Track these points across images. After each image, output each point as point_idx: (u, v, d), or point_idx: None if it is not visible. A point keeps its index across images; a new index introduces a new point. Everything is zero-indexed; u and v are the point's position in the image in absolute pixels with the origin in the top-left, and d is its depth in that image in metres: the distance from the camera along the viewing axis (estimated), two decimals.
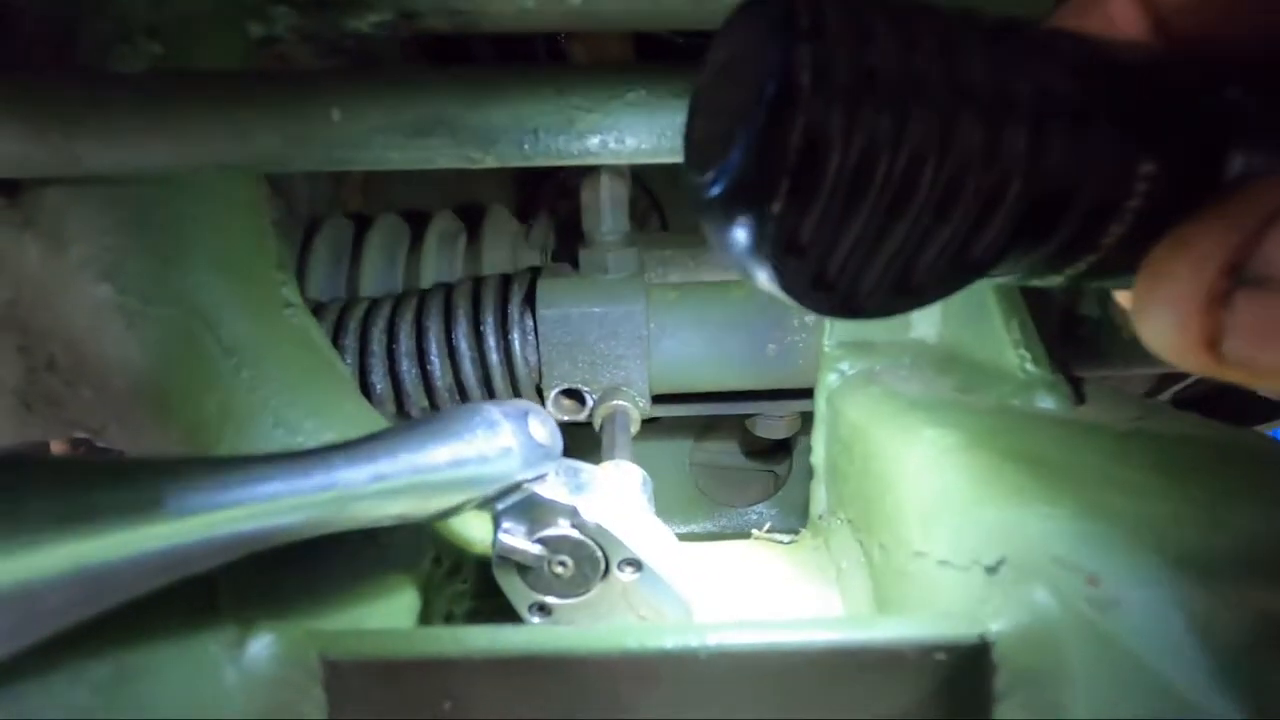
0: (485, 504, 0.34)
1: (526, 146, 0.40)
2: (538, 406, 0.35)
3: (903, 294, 0.12)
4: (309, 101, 0.38)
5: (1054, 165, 0.11)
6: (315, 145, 0.39)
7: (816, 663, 0.26)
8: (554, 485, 0.35)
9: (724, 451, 0.93)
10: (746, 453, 0.92)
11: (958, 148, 0.11)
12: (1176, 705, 0.20)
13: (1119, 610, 0.23)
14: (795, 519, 0.82)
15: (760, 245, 0.12)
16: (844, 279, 0.12)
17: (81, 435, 0.57)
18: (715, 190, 0.11)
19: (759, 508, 0.93)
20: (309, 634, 0.27)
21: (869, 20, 0.11)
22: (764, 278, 0.12)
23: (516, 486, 0.34)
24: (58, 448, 0.74)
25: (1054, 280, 0.13)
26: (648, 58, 0.68)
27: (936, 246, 0.12)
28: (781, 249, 0.11)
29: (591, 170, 0.60)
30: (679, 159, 0.41)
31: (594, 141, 0.40)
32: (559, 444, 0.36)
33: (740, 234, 0.12)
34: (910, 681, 0.26)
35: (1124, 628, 0.23)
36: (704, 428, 0.90)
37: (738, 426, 0.87)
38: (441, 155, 0.40)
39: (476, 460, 0.28)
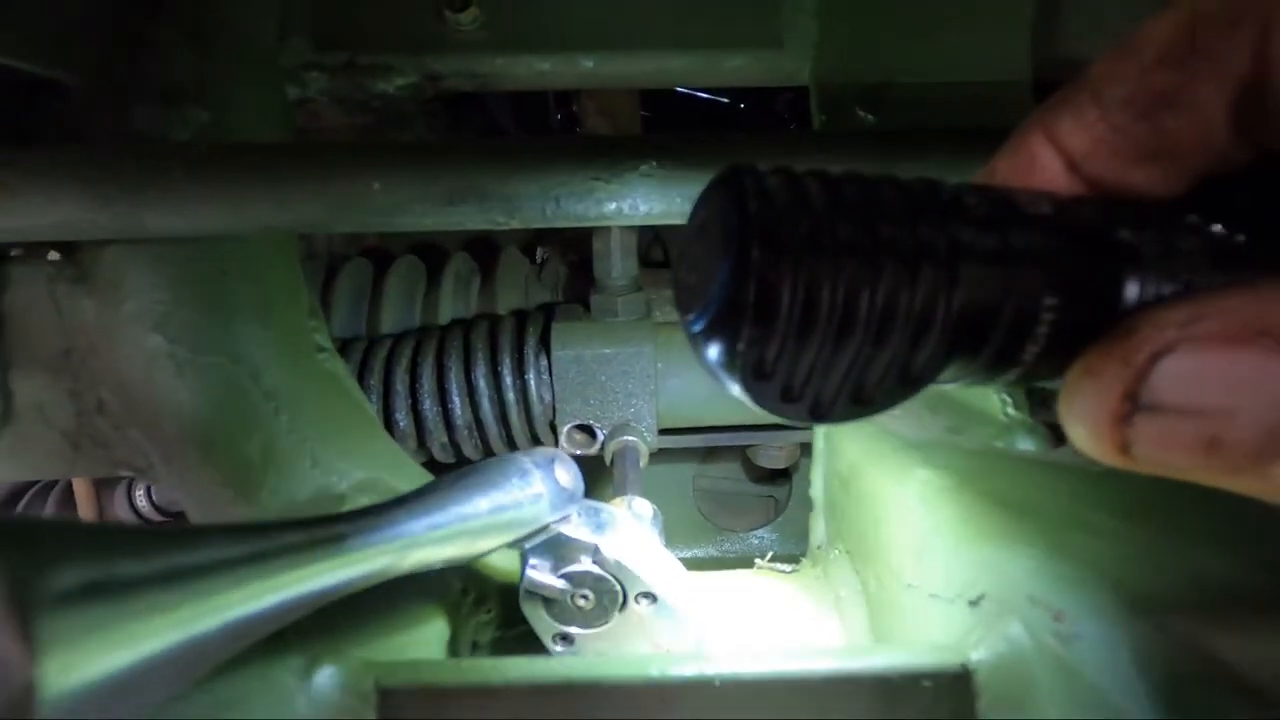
0: (515, 543, 0.37)
1: (548, 211, 0.44)
2: (562, 454, 0.38)
3: (859, 404, 0.15)
4: (352, 173, 0.42)
5: (968, 299, 0.14)
6: (356, 212, 0.43)
7: (817, 690, 0.30)
8: (577, 525, 0.39)
9: (725, 478, 0.96)
10: (747, 479, 0.96)
11: (884, 287, 0.14)
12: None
13: (1080, 643, 0.27)
14: (795, 544, 0.85)
15: (733, 371, 0.14)
16: (807, 394, 0.15)
17: (127, 474, 0.60)
18: (696, 329, 0.15)
19: (760, 532, 0.96)
20: (366, 664, 0.30)
21: (805, 192, 0.14)
22: (739, 393, 0.15)
23: (544, 527, 0.37)
24: (80, 487, 0.77)
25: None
26: (654, 113, 0.72)
27: (881, 366, 0.14)
28: (750, 374, 0.14)
29: None
30: (683, 222, 0.45)
31: (610, 207, 0.44)
32: (581, 487, 0.39)
33: (717, 362, 0.15)
34: (900, 706, 0.29)
35: (1083, 659, 0.26)
36: (706, 455, 0.94)
37: (739, 453, 0.91)
38: (470, 219, 0.44)
39: (513, 506, 0.32)
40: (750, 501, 0.98)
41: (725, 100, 0.95)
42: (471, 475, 0.31)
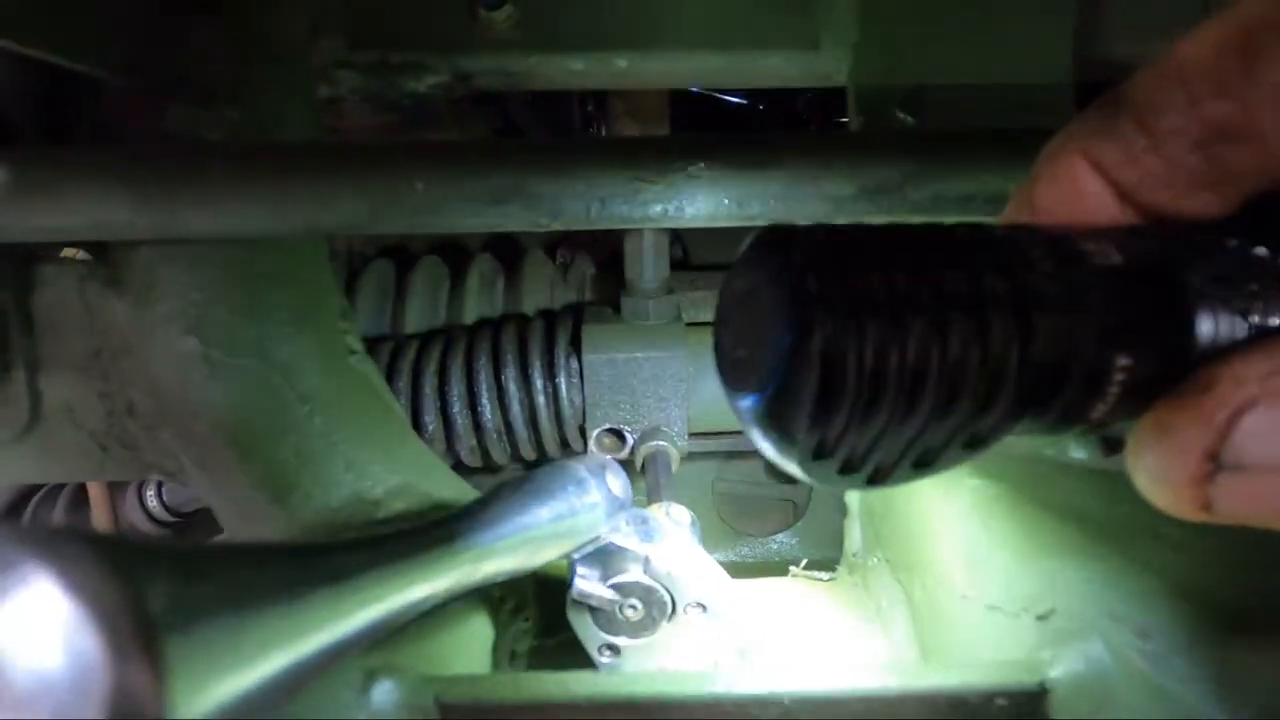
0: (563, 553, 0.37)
1: (592, 213, 0.43)
2: (612, 462, 0.37)
3: (921, 469, 0.14)
4: (394, 172, 0.41)
5: (1041, 355, 0.13)
6: (399, 212, 0.42)
7: (889, 706, 0.29)
8: (626, 534, 0.38)
9: (745, 481, 0.95)
10: (766, 483, 0.95)
11: (955, 345, 0.13)
12: None
13: (1168, 663, 0.26)
14: (814, 548, 0.84)
15: (791, 452, 0.13)
16: (868, 465, 0.14)
17: (156, 476, 0.60)
18: (749, 409, 0.14)
19: (779, 537, 0.96)
20: (424, 679, 0.30)
21: (860, 251, 0.13)
22: (794, 471, 0.14)
23: (595, 536, 0.36)
24: (95, 490, 0.76)
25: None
26: (674, 113, 0.71)
27: (948, 430, 0.13)
28: (810, 455, 0.13)
29: None
30: (733, 224, 0.44)
31: (656, 209, 0.43)
32: (630, 496, 0.38)
33: (775, 444, 0.14)
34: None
35: (1172, 679, 0.25)
36: (725, 458, 0.93)
37: (758, 458, 0.90)
38: (513, 220, 0.43)
39: (571, 515, 0.31)
40: (770, 505, 0.97)
41: (744, 101, 0.94)
42: (529, 484, 0.30)
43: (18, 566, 0.11)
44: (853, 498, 0.57)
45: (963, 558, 0.40)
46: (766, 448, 0.14)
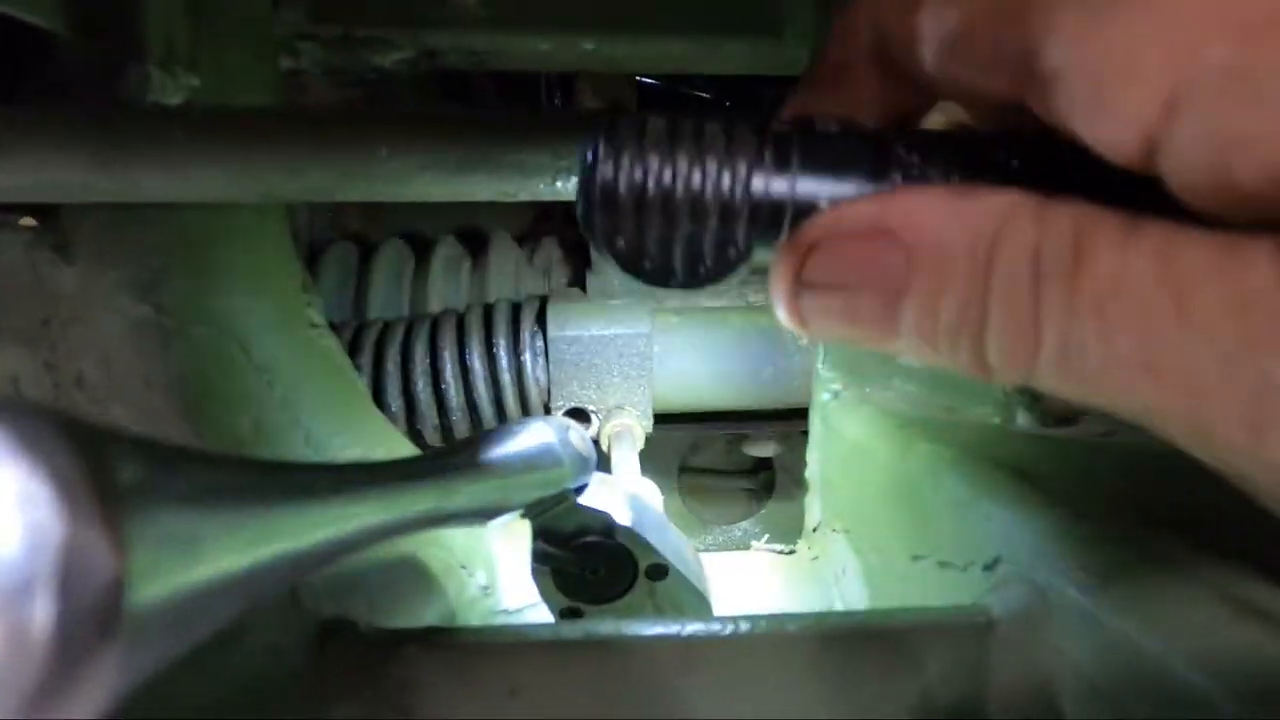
0: (527, 512, 0.37)
1: (559, 184, 0.44)
2: (574, 424, 0.38)
3: (695, 274, 0.18)
4: (359, 139, 0.41)
5: (761, 192, 0.18)
6: (363, 180, 0.42)
7: (843, 641, 0.30)
8: (590, 496, 0.38)
9: (709, 471, 0.97)
10: (730, 472, 0.96)
11: (691, 183, 0.18)
12: (1153, 670, 0.24)
13: (1102, 593, 0.27)
14: (777, 535, 0.86)
15: (597, 241, 0.18)
16: (655, 263, 0.18)
17: None
18: (578, 212, 0.19)
19: (743, 525, 0.97)
20: (379, 631, 0.30)
21: (638, 126, 0.18)
22: (608, 258, 0.19)
23: (559, 497, 0.37)
24: None
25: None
26: (648, 104, 0.72)
27: (708, 240, 0.18)
28: (608, 244, 0.18)
29: None
30: None
31: None
32: (595, 457, 0.39)
33: (589, 235, 0.19)
34: (925, 656, 0.30)
35: (1106, 606, 0.27)
36: (690, 448, 0.94)
37: (722, 447, 0.91)
38: (480, 190, 0.43)
39: (536, 464, 0.31)
40: (734, 494, 0.98)
41: (708, 96, 0.96)
42: (496, 434, 0.30)
43: None
44: (813, 473, 0.59)
45: (918, 520, 0.41)
46: (586, 231, 0.18)
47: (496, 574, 0.49)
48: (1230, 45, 0.12)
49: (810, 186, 0.18)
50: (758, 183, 0.18)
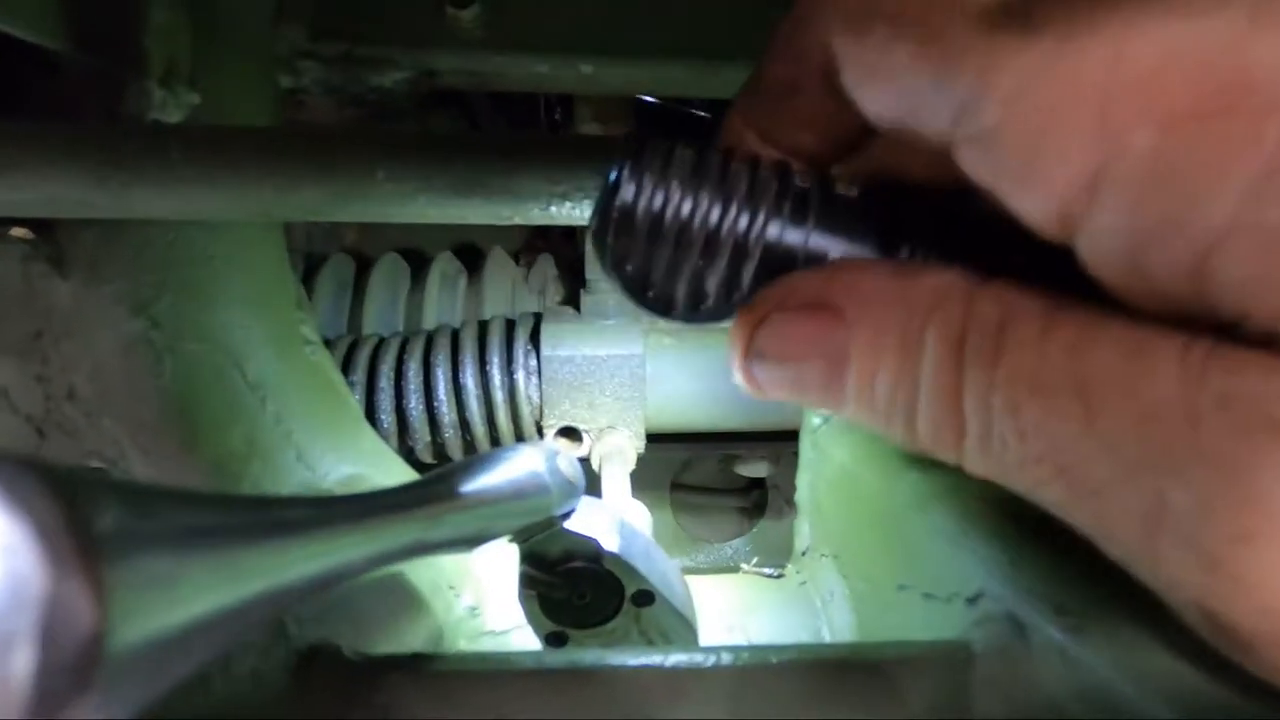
0: (515, 537, 0.37)
1: (553, 209, 0.44)
2: (563, 449, 0.38)
3: (696, 308, 0.19)
4: (356, 161, 0.42)
5: (773, 240, 0.18)
6: (359, 201, 0.42)
7: (825, 672, 0.30)
8: (577, 521, 0.38)
9: (701, 489, 0.97)
10: (722, 491, 0.96)
11: (710, 220, 0.18)
12: (1127, 710, 0.25)
13: (1081, 634, 0.27)
14: (768, 555, 0.86)
15: (606, 262, 0.19)
16: (659, 292, 0.19)
17: (97, 465, 0.58)
18: (590, 230, 0.19)
19: (734, 543, 0.97)
20: (363, 657, 0.30)
21: (665, 153, 0.18)
22: (612, 278, 0.19)
23: (546, 521, 0.37)
24: None
25: None
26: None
27: (715, 278, 0.18)
28: (617, 266, 0.19)
29: None
30: None
31: None
32: (583, 483, 0.39)
33: (600, 254, 0.19)
34: (904, 688, 0.30)
35: (1085, 647, 0.27)
36: (682, 466, 0.94)
37: (714, 466, 0.91)
38: (475, 214, 0.43)
39: (524, 492, 0.32)
40: (725, 513, 0.98)
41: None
42: (482, 460, 0.30)
43: None
44: (803, 497, 0.59)
45: (904, 550, 0.42)
46: (600, 257, 0.19)
47: (483, 595, 0.49)
48: (1155, 133, 0.12)
49: (822, 243, 0.18)
50: (773, 230, 0.18)
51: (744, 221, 0.18)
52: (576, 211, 0.44)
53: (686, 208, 0.18)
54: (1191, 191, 0.12)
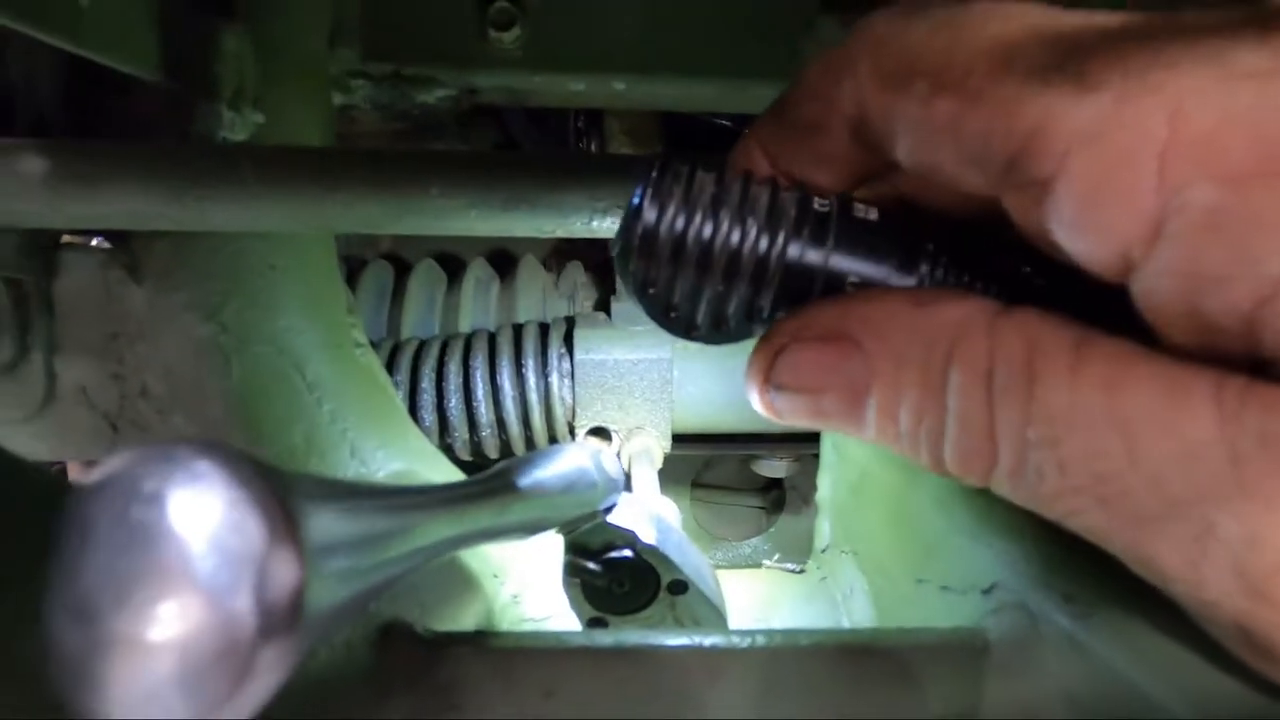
0: (561, 529, 0.40)
1: (594, 222, 0.47)
2: (605, 447, 0.41)
3: (719, 330, 0.20)
4: (412, 178, 0.45)
5: (791, 264, 0.18)
6: (414, 216, 0.45)
7: (850, 654, 0.33)
8: (618, 514, 0.41)
9: (721, 489, 0.99)
10: (742, 490, 0.99)
11: (730, 242, 0.18)
12: (1139, 701, 0.27)
13: (1089, 621, 0.30)
14: (785, 552, 0.89)
15: (626, 281, 0.19)
16: (681, 314, 0.19)
17: None
18: (613, 252, 0.20)
19: (752, 541, 1.00)
20: (431, 632, 0.33)
21: (686, 177, 0.19)
22: (636, 299, 0.20)
23: (591, 514, 0.40)
24: (74, 469, 0.78)
25: None
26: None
27: (736, 300, 0.19)
28: (638, 290, 0.19)
29: None
30: None
31: None
32: (623, 479, 0.42)
33: (623, 276, 0.20)
34: (921, 676, 0.32)
35: (1093, 635, 0.29)
36: (703, 466, 0.97)
37: (734, 466, 0.94)
38: (521, 227, 0.47)
39: (575, 487, 0.35)
40: (744, 512, 1.01)
41: (729, 124, 1.00)
42: (539, 457, 0.33)
43: (190, 462, 0.15)
44: (824, 496, 0.62)
45: (924, 546, 0.44)
46: (623, 278, 0.20)
47: (524, 583, 0.52)
48: (1217, 189, 0.13)
49: (841, 265, 0.18)
50: (793, 252, 0.18)
51: (764, 243, 0.18)
52: (617, 226, 0.47)
53: (708, 230, 0.18)
54: (1251, 245, 0.13)
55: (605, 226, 0.47)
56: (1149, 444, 0.14)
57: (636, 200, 0.19)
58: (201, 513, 0.14)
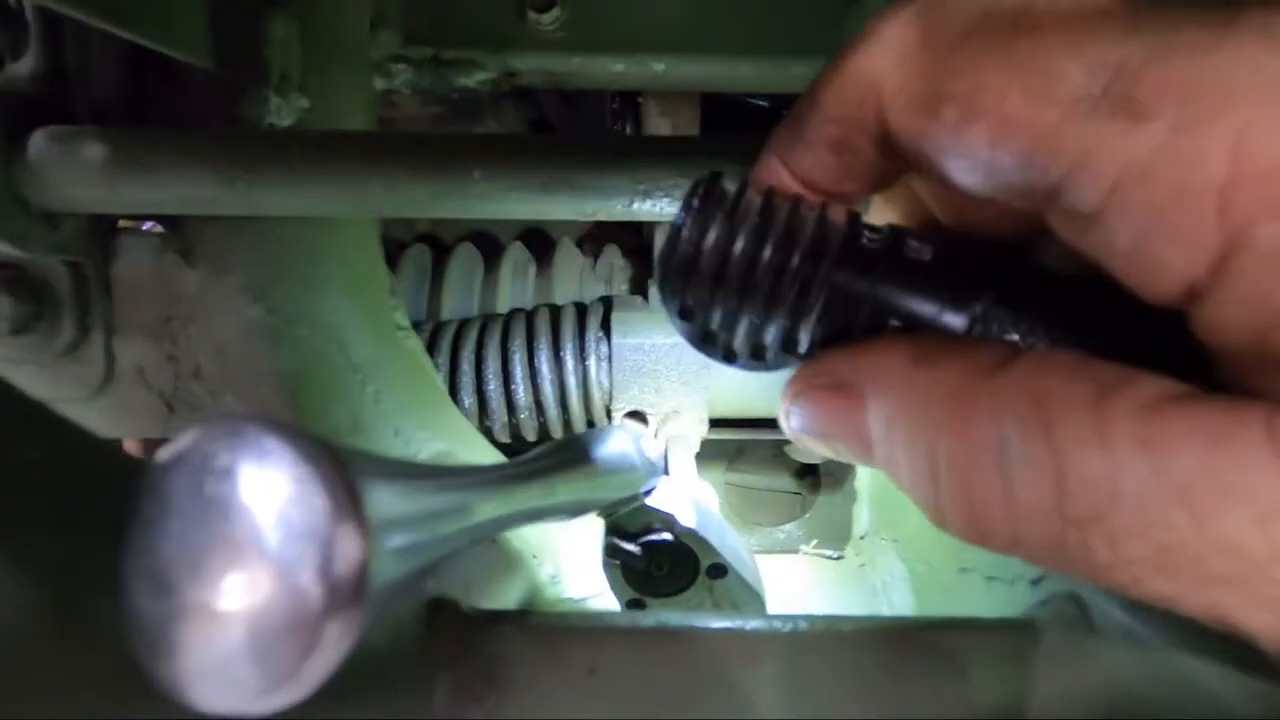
0: (602, 511, 0.40)
1: (635, 205, 0.47)
2: (645, 431, 0.41)
3: (758, 360, 0.19)
4: (454, 162, 0.45)
5: (830, 302, 0.18)
6: (457, 199, 0.46)
7: (890, 644, 0.32)
8: (658, 498, 0.42)
9: (755, 474, 0.99)
10: (776, 475, 0.98)
11: (772, 270, 0.18)
12: (1195, 694, 0.26)
13: (1140, 612, 0.29)
14: (821, 538, 0.88)
15: (668, 308, 0.19)
16: (720, 341, 0.19)
17: None
18: (656, 280, 0.20)
19: (786, 527, 0.99)
20: (476, 610, 0.33)
21: (732, 198, 0.18)
22: (675, 325, 0.20)
23: (632, 497, 0.40)
24: (130, 445, 0.81)
25: None
26: (711, 115, 0.75)
27: (774, 330, 0.18)
28: (677, 317, 0.19)
29: None
30: None
31: None
32: (662, 463, 0.42)
33: (661, 296, 0.19)
34: (968, 663, 0.32)
35: (1147, 626, 0.29)
36: (736, 452, 0.97)
37: (767, 451, 0.93)
38: (562, 210, 0.47)
39: (618, 468, 0.35)
40: (778, 497, 1.01)
41: (766, 104, 0.98)
42: (578, 440, 0.34)
43: (260, 439, 0.15)
44: (862, 483, 0.61)
45: None
46: (663, 302, 0.19)
47: (562, 565, 0.53)
48: None
49: (886, 301, 0.18)
50: (837, 282, 0.18)
51: (806, 271, 0.18)
52: (657, 208, 0.47)
53: (750, 255, 0.18)
54: None
55: (646, 209, 0.47)
56: (1217, 511, 0.13)
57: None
58: (271, 489, 0.15)
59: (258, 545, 0.14)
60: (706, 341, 0.19)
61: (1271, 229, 0.12)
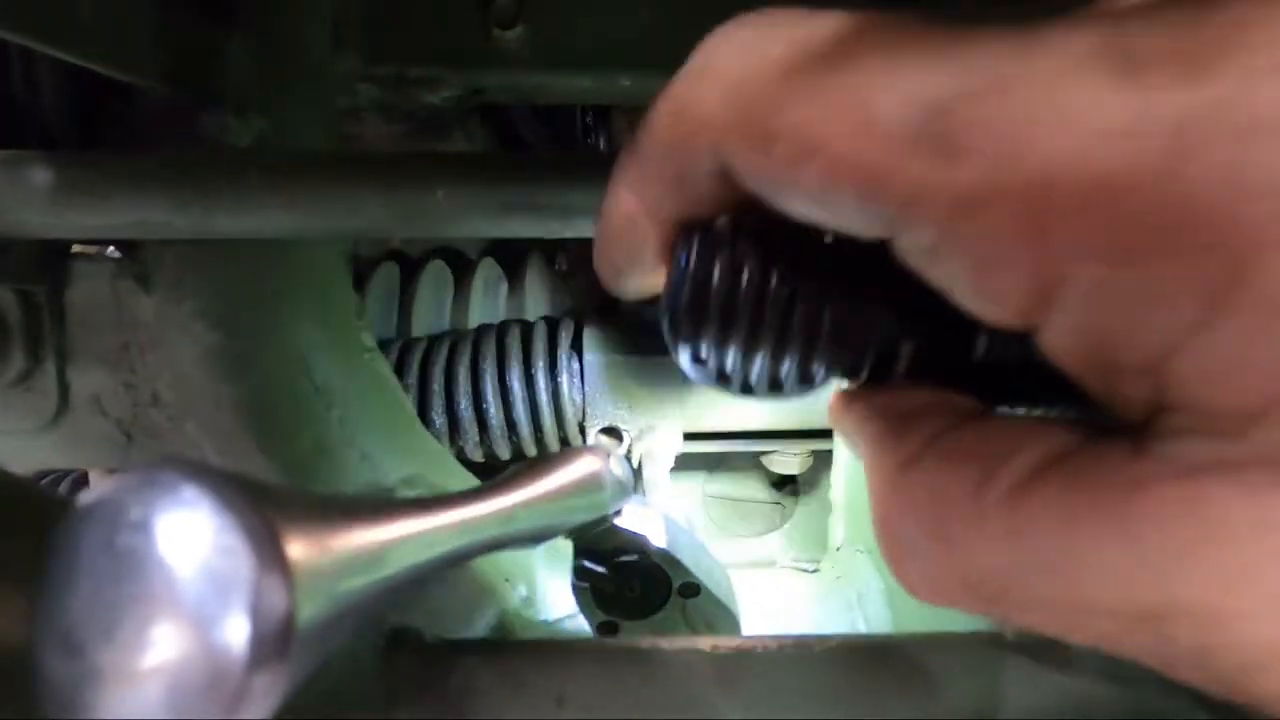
0: (570, 533, 0.40)
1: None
2: (616, 450, 0.41)
3: (775, 390, 0.19)
4: (417, 182, 0.44)
5: (841, 328, 0.18)
6: (420, 219, 0.45)
7: (862, 660, 0.32)
8: (628, 518, 0.41)
9: (735, 485, 0.99)
10: (756, 486, 0.98)
11: (780, 298, 0.18)
12: (1164, 702, 0.26)
13: None
14: (800, 549, 0.88)
15: (678, 355, 0.19)
16: (735, 377, 0.19)
17: None
18: (663, 325, 0.19)
19: (765, 538, 0.99)
20: (439, 639, 0.33)
21: (729, 244, 0.18)
22: (688, 370, 0.19)
23: (601, 518, 0.39)
24: (95, 478, 0.79)
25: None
26: None
27: (788, 363, 0.18)
28: (690, 361, 0.19)
29: None
30: None
31: None
32: (633, 483, 0.41)
33: (670, 344, 0.19)
34: (940, 677, 0.32)
35: None
36: (716, 462, 0.96)
37: (748, 462, 0.93)
38: (527, 229, 0.46)
39: (585, 491, 0.34)
40: (758, 508, 1.01)
41: None
42: (543, 462, 0.33)
43: (176, 487, 0.14)
44: (837, 495, 0.61)
45: None
46: (670, 348, 0.19)
47: (535, 586, 0.52)
48: (1096, 264, 0.13)
49: (897, 328, 0.18)
50: (853, 319, 0.18)
51: (814, 307, 0.18)
52: None
53: (757, 294, 0.18)
54: (1143, 310, 0.12)
55: None
56: (1080, 582, 0.13)
57: (683, 259, 0.18)
58: (189, 540, 0.14)
59: (173, 600, 0.14)
60: (722, 380, 0.19)
61: (1087, 265, 0.12)
